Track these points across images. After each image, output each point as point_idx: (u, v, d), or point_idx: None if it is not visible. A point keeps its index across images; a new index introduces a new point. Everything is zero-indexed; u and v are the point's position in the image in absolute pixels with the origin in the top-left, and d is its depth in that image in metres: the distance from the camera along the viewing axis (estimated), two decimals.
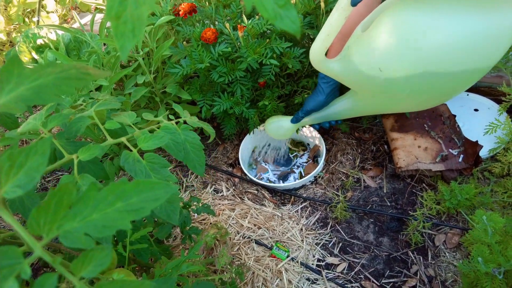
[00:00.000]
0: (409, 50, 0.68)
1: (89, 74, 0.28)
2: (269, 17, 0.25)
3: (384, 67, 0.71)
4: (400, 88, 0.75)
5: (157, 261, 0.76)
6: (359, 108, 0.93)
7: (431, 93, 0.76)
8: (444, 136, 1.04)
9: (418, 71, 0.70)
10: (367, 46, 0.73)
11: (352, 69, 0.77)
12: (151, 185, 0.27)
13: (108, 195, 0.25)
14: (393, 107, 0.91)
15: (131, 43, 0.22)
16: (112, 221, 0.24)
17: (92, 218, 0.24)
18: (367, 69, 0.74)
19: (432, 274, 0.90)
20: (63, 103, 0.61)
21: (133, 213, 0.25)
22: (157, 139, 0.49)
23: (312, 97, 0.95)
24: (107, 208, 0.24)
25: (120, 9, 0.22)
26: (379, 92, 0.80)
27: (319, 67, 0.82)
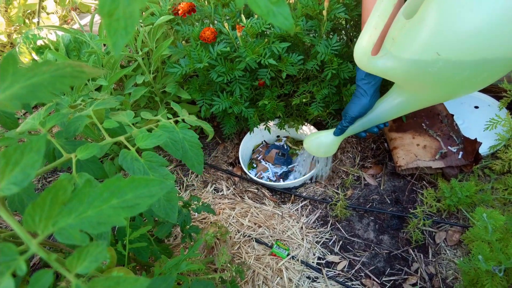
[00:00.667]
0: (462, 27, 0.62)
1: (84, 72, 0.28)
2: (261, 14, 0.25)
3: (441, 51, 0.65)
4: (459, 71, 0.68)
5: (157, 260, 0.77)
6: (408, 104, 0.85)
7: (489, 71, 0.69)
8: (442, 134, 1.04)
9: (479, 49, 0.64)
10: (419, 32, 0.67)
11: (403, 61, 0.71)
12: (146, 181, 0.27)
13: (103, 191, 0.25)
14: (443, 96, 0.83)
15: (124, 40, 0.23)
16: (107, 218, 0.24)
17: (87, 215, 0.24)
18: (423, 57, 0.68)
19: (432, 272, 0.90)
20: (62, 103, 0.61)
21: (128, 209, 0.25)
22: (154, 137, 0.49)
23: (354, 101, 0.86)
24: (102, 205, 0.25)
25: (112, 6, 0.22)
26: (432, 81, 0.73)
27: (365, 66, 0.76)
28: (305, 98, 1.03)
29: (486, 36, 0.62)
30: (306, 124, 1.20)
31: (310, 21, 0.95)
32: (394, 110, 0.87)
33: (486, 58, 0.65)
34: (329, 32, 1.02)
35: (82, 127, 0.51)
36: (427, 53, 0.67)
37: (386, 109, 0.87)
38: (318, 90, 1.00)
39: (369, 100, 0.85)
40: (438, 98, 0.85)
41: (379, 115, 0.88)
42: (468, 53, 0.65)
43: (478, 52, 0.65)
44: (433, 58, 0.67)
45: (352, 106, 0.87)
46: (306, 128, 1.22)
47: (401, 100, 0.85)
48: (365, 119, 0.89)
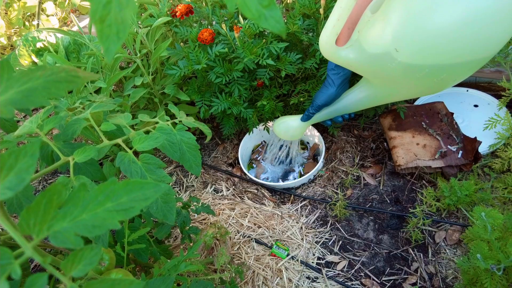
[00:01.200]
0: (423, 29, 0.63)
1: (79, 77, 0.29)
2: (253, 18, 0.26)
3: (400, 47, 0.66)
4: (417, 69, 0.69)
5: (157, 261, 0.77)
6: (373, 98, 0.88)
7: (451, 71, 0.70)
8: (442, 133, 1.04)
9: (435, 52, 0.65)
10: (380, 27, 0.69)
11: (365, 54, 0.73)
12: (140, 184, 0.27)
13: (98, 195, 0.25)
14: (408, 92, 0.85)
15: (116, 45, 0.23)
16: (102, 221, 0.24)
17: (82, 218, 0.24)
18: (381, 52, 0.69)
19: (432, 271, 0.90)
20: (60, 106, 0.62)
21: (122, 212, 0.25)
22: (152, 140, 0.49)
23: (322, 90, 0.90)
24: (97, 208, 0.25)
25: (104, 12, 0.22)
26: (394, 77, 0.75)
27: (330, 56, 0.78)
28: (303, 97, 1.03)
29: (446, 39, 0.63)
30: None
31: (308, 20, 0.95)
32: (360, 102, 0.90)
33: (443, 63, 0.66)
34: None
35: (80, 130, 0.52)
36: (386, 48, 0.68)
37: (352, 100, 0.90)
38: (314, 87, 1.01)
39: (335, 90, 0.88)
40: (404, 94, 0.86)
41: (345, 105, 0.92)
42: (425, 56, 0.66)
43: (435, 56, 0.66)
44: (391, 55, 0.68)
45: (319, 94, 0.90)
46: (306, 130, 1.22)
47: (367, 93, 0.87)
48: (332, 108, 0.93)
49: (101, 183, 0.26)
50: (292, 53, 0.94)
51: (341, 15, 0.71)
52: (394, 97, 0.89)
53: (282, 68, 0.94)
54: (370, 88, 0.86)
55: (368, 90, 0.87)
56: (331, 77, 0.88)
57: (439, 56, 0.66)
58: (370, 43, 0.71)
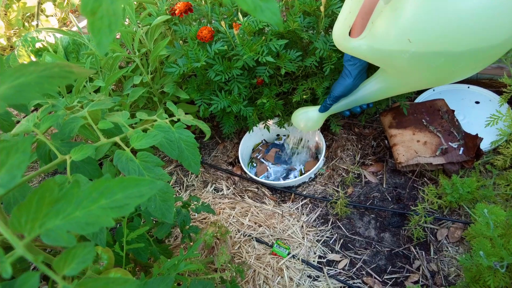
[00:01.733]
0: (437, 16, 0.62)
1: (73, 72, 0.28)
2: (248, 10, 0.25)
3: (413, 37, 0.66)
4: (431, 59, 0.69)
5: (157, 261, 0.76)
6: (390, 88, 0.87)
7: (465, 60, 0.69)
8: (443, 130, 1.03)
9: (450, 39, 0.64)
10: (393, 17, 0.68)
11: (379, 45, 0.72)
12: (135, 181, 0.26)
13: (92, 192, 0.25)
14: (425, 82, 0.84)
15: (108, 38, 0.22)
16: (95, 218, 0.24)
17: (75, 216, 0.24)
18: (395, 42, 0.69)
19: (434, 269, 0.90)
20: (58, 104, 0.61)
21: (117, 209, 0.25)
22: (149, 137, 0.49)
23: (339, 81, 0.90)
24: (91, 205, 0.24)
25: (95, 4, 0.21)
26: (409, 67, 0.74)
27: (343, 48, 0.78)
28: (306, 94, 1.03)
29: (465, 24, 0.62)
30: None
31: (308, 17, 0.94)
32: (377, 92, 0.89)
33: (459, 50, 0.65)
34: (327, 28, 1.02)
35: (77, 128, 0.51)
36: (399, 39, 0.67)
37: (369, 90, 0.90)
38: (319, 85, 1.00)
39: (352, 81, 0.87)
40: (421, 84, 0.86)
41: (363, 96, 0.91)
42: (442, 43, 0.65)
43: (452, 42, 0.65)
44: (404, 46, 0.67)
45: (337, 85, 0.90)
46: None
47: (384, 84, 0.87)
48: (349, 99, 0.93)
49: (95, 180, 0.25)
50: (292, 51, 0.93)
51: (352, 7, 0.70)
52: (411, 87, 0.88)
53: (282, 66, 0.93)
54: (387, 79, 0.86)
55: (385, 80, 0.86)
56: (348, 68, 0.87)
57: (454, 43, 0.65)
58: (384, 33, 0.70)
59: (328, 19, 0.93)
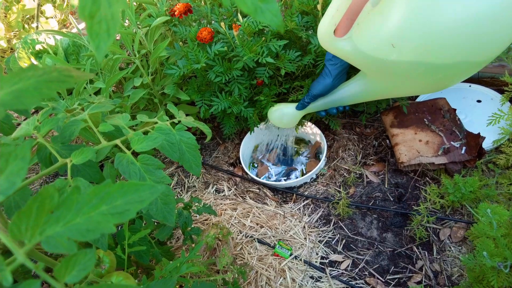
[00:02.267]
0: (423, 25, 0.62)
1: (72, 76, 0.28)
2: (248, 11, 0.25)
3: (397, 43, 0.65)
4: (412, 68, 0.69)
5: (159, 263, 0.76)
6: (369, 92, 0.87)
7: (446, 72, 0.70)
8: (445, 129, 1.03)
9: (432, 50, 0.64)
10: (378, 21, 0.67)
11: (363, 47, 0.72)
12: (136, 186, 0.26)
13: (92, 198, 0.25)
14: (404, 90, 0.84)
15: (106, 43, 0.22)
16: (96, 225, 0.24)
17: (75, 222, 0.23)
18: (379, 46, 0.68)
19: (437, 269, 0.89)
20: (59, 107, 0.61)
21: (117, 215, 0.25)
22: (150, 140, 0.48)
23: (319, 80, 0.89)
24: (91, 211, 0.24)
25: (93, 8, 0.21)
26: (390, 73, 0.74)
27: (327, 46, 0.78)
28: (301, 94, 1.02)
29: (445, 38, 0.62)
30: (306, 124, 1.19)
31: (306, 17, 0.94)
32: (356, 95, 0.89)
33: (438, 62, 0.66)
34: None
35: (78, 131, 0.51)
36: (383, 43, 0.67)
37: (348, 93, 0.89)
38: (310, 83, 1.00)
39: (332, 81, 0.87)
40: (400, 91, 0.86)
41: (341, 97, 0.91)
42: (421, 54, 0.65)
43: (431, 54, 0.65)
44: (387, 51, 0.67)
45: (316, 84, 0.89)
46: (307, 127, 1.21)
47: (363, 87, 0.86)
48: (327, 99, 0.92)
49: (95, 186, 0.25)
50: (291, 51, 0.93)
51: (340, 5, 0.70)
52: (390, 93, 0.88)
53: (281, 66, 0.93)
54: (366, 82, 0.86)
55: (365, 84, 0.86)
56: (328, 68, 0.87)
57: (436, 55, 0.66)
58: (368, 36, 0.70)
59: None
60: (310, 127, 1.20)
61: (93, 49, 0.22)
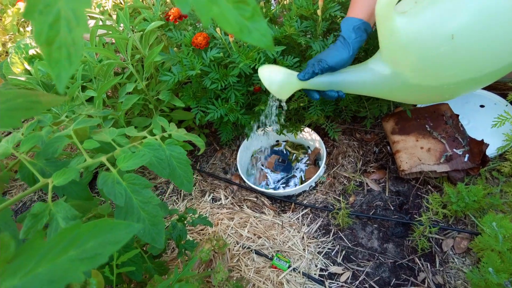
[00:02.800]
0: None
1: (40, 102, 0.25)
2: (233, 32, 0.22)
3: (458, 36, 0.60)
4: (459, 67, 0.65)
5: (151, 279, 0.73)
6: (383, 85, 0.76)
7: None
8: (447, 136, 1.00)
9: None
10: (447, 8, 0.61)
11: (418, 27, 0.63)
12: (110, 225, 0.23)
13: (59, 242, 0.22)
14: (420, 97, 0.78)
15: (68, 71, 0.19)
16: (62, 273, 0.21)
17: (37, 272, 0.21)
18: (436, 32, 0.62)
19: (440, 282, 0.86)
20: (45, 120, 0.58)
21: (87, 261, 0.22)
22: (137, 158, 0.46)
23: (335, 52, 0.76)
24: (57, 258, 0.21)
25: (51, 33, 0.18)
26: (426, 68, 0.67)
27: (381, 21, 0.68)
28: (303, 102, 1.00)
29: None
30: (305, 130, 1.16)
31: (305, 21, 0.91)
32: (365, 84, 0.78)
33: None
34: (325, 32, 0.98)
35: (61, 148, 0.48)
36: (443, 32, 0.62)
37: (358, 79, 0.78)
38: None
39: (350, 55, 0.75)
40: (416, 97, 0.81)
41: (349, 81, 0.79)
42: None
43: None
44: (443, 40, 0.62)
45: (331, 54, 0.76)
46: (305, 132, 1.18)
47: (375, 78, 0.77)
48: (335, 77, 0.79)
49: (62, 229, 0.22)
50: (289, 57, 0.90)
51: None
52: (403, 95, 0.81)
53: None
54: (387, 75, 0.75)
55: (378, 75, 0.76)
56: (348, 40, 0.75)
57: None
58: (429, 18, 0.63)
59: (326, 23, 0.90)
60: (309, 133, 1.18)
61: (53, 79, 0.19)
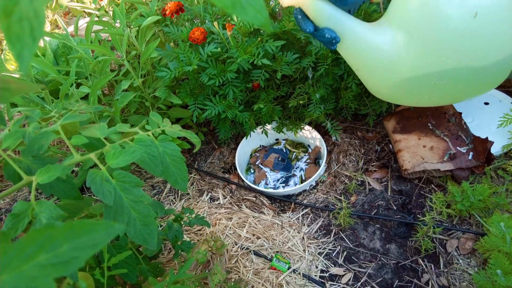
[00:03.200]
0: None
1: (8, 89, 0.22)
2: (225, 7, 0.19)
3: (481, 13, 0.54)
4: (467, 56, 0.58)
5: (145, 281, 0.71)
6: (387, 57, 0.63)
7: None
8: (450, 134, 0.97)
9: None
10: None
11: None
12: (87, 227, 0.21)
13: (27, 245, 0.19)
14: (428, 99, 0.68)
15: (31, 49, 0.16)
16: (29, 281, 0.18)
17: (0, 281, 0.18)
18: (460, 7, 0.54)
19: (445, 284, 0.84)
20: (33, 116, 0.56)
21: (60, 266, 0.19)
22: (127, 154, 0.43)
23: None
24: (24, 264, 0.19)
25: (9, 3, 0.16)
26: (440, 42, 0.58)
27: None
28: (303, 99, 0.97)
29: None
30: (305, 129, 1.13)
31: None
32: (369, 47, 0.64)
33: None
34: None
35: (47, 144, 0.46)
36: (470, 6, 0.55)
37: (366, 37, 0.63)
38: (314, 91, 0.94)
39: None
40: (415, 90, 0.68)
41: (354, 32, 0.63)
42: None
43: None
44: (467, 16, 0.55)
45: None
46: (305, 130, 1.15)
47: (393, 43, 0.63)
48: (341, 15, 0.62)
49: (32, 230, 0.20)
50: (289, 53, 0.88)
51: None
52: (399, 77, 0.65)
53: (278, 69, 0.88)
54: (392, 42, 0.62)
55: (388, 41, 0.63)
56: None
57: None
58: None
59: None
60: (309, 131, 1.15)
61: (14, 57, 0.17)
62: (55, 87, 1.18)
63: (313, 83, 0.95)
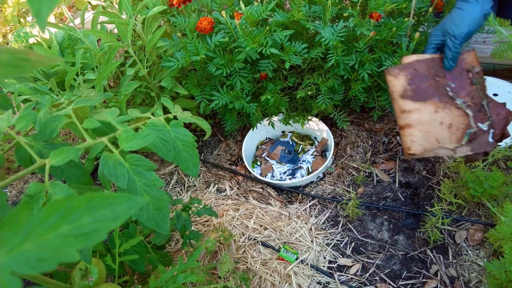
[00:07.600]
0: None
1: (28, 60, 0.22)
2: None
3: None
4: None
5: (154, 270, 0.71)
6: None
7: None
8: (473, 104, 0.74)
9: None
10: None
11: None
12: (108, 199, 0.21)
13: (49, 215, 0.19)
14: None
15: (50, 6, 0.16)
16: (52, 251, 0.18)
17: (23, 249, 0.18)
18: None
19: (454, 275, 0.83)
20: (43, 102, 0.55)
21: (83, 237, 0.19)
22: (140, 138, 0.43)
23: (457, 15, 0.65)
24: (47, 234, 0.19)
25: None
26: None
27: None
28: (311, 90, 0.96)
29: None
30: (312, 120, 1.13)
31: (314, 6, 0.87)
32: None
33: None
34: (334, 18, 0.95)
35: (59, 128, 0.45)
36: None
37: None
38: (324, 82, 0.93)
39: (480, 9, 0.62)
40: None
41: None
42: None
43: None
44: None
45: (457, 20, 0.64)
46: (313, 123, 1.15)
47: None
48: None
49: (53, 200, 0.19)
50: (297, 43, 0.87)
51: None
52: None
53: (286, 59, 0.87)
54: None
55: None
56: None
57: None
58: None
59: (335, 8, 0.86)
60: (316, 123, 1.14)
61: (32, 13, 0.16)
62: (61, 79, 1.17)
63: (323, 73, 0.94)
